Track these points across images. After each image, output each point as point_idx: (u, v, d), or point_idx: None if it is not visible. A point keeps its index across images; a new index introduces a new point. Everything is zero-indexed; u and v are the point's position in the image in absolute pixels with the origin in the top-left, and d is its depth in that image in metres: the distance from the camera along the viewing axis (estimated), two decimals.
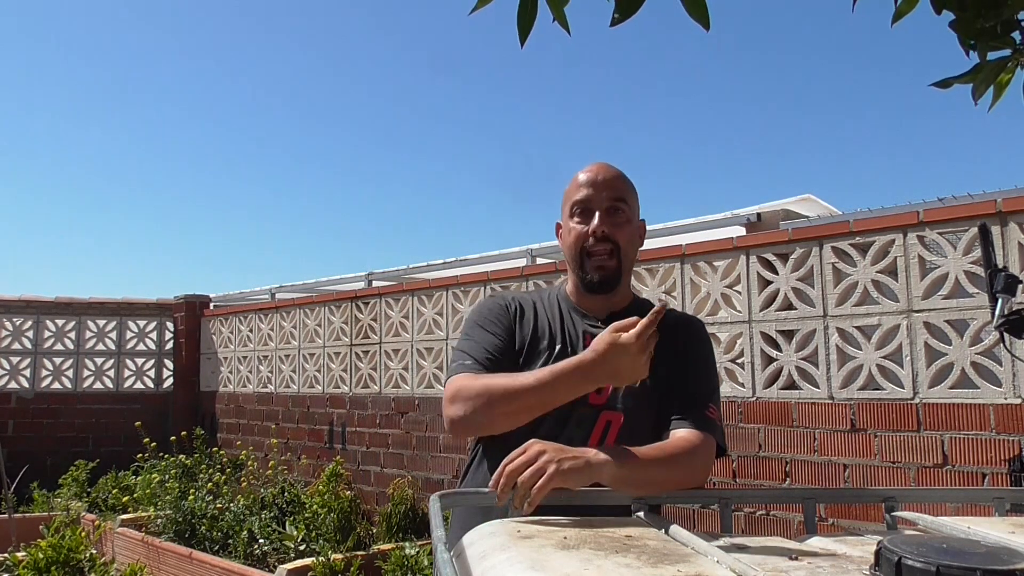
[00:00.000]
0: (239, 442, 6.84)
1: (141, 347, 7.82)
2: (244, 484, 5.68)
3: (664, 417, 1.42)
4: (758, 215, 4.14)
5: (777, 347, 3.52)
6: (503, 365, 1.45)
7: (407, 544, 4.32)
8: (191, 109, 22.43)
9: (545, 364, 1.45)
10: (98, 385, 7.57)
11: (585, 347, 1.44)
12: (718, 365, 3.69)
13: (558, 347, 1.49)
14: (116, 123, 24.20)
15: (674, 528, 0.96)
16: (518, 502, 1.11)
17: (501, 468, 1.14)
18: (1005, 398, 2.88)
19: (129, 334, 7.77)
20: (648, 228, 1.64)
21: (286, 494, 5.30)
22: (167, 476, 5.60)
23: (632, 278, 4.11)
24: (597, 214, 1.47)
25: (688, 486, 1.31)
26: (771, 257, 3.59)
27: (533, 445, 1.17)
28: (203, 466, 5.76)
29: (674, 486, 1.27)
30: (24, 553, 4.11)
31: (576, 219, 1.50)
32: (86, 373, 7.55)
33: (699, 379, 1.47)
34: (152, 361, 7.84)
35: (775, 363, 3.52)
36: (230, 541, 4.79)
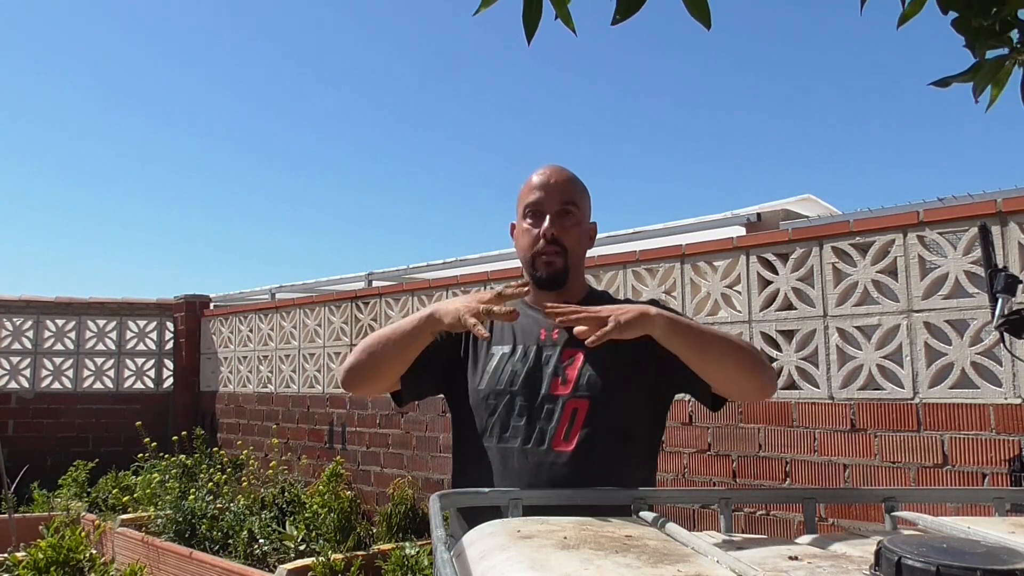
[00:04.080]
0: (239, 442, 6.83)
1: (141, 347, 7.81)
2: (244, 484, 5.68)
3: (678, 382, 1.47)
4: (758, 215, 4.14)
5: (777, 347, 3.52)
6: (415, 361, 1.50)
7: (407, 544, 4.32)
8: (191, 111, 22.43)
9: (500, 362, 1.52)
10: (98, 385, 7.57)
11: (542, 341, 1.53)
12: None
13: (508, 347, 1.54)
14: (116, 124, 24.20)
15: (674, 528, 0.96)
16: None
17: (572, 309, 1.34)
18: (1005, 398, 2.88)
19: (129, 334, 7.77)
20: (648, 228, 1.68)
21: (286, 494, 5.30)
22: (167, 476, 5.60)
23: (635, 279, 4.11)
24: (548, 217, 1.52)
25: (757, 368, 1.39)
26: (771, 257, 3.59)
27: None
28: (203, 466, 5.76)
29: (734, 360, 1.37)
30: (24, 553, 4.11)
31: (528, 221, 1.56)
32: (86, 373, 7.55)
33: None
34: (152, 361, 7.84)
35: (775, 363, 3.52)
36: (230, 541, 4.79)
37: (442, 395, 1.64)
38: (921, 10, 1.38)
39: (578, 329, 1.33)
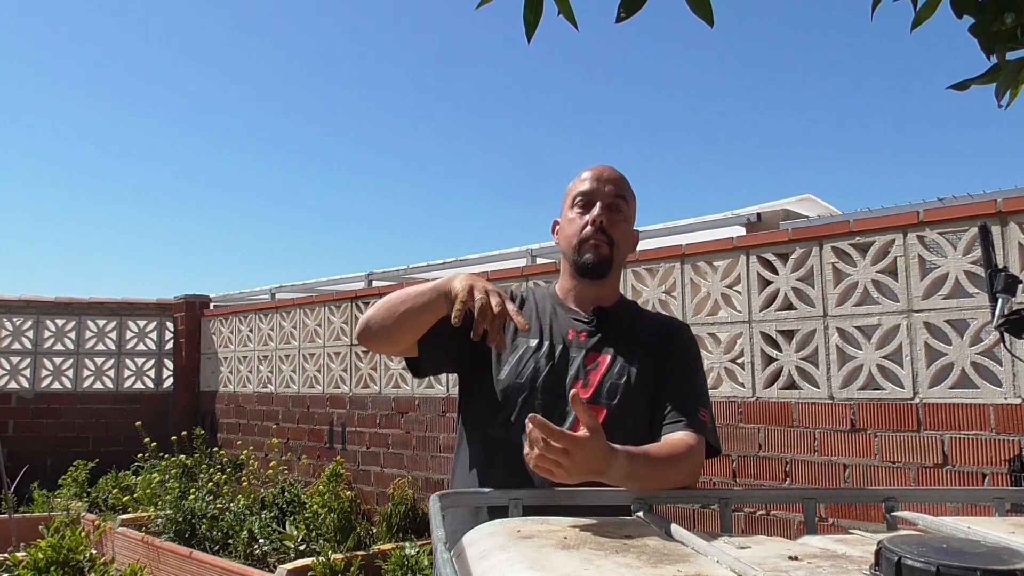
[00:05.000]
0: (239, 442, 6.83)
1: (141, 347, 7.81)
2: (244, 484, 5.68)
3: (655, 418, 1.45)
4: (758, 215, 4.14)
5: (777, 347, 3.52)
6: (437, 327, 1.45)
7: (407, 544, 4.32)
8: (190, 110, 22.44)
9: (524, 355, 1.49)
10: (98, 385, 7.57)
11: (569, 340, 1.50)
12: (718, 365, 3.70)
13: (535, 340, 1.51)
14: (116, 124, 24.20)
15: (674, 528, 0.96)
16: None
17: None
18: (1005, 398, 2.88)
19: (129, 334, 7.77)
20: (648, 228, 1.68)
21: (286, 494, 5.30)
22: (167, 476, 5.60)
23: (635, 279, 4.11)
24: (598, 205, 1.51)
25: (682, 485, 1.34)
26: (771, 257, 3.59)
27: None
28: (203, 466, 5.77)
29: (671, 485, 1.30)
30: (24, 553, 4.11)
31: (577, 209, 1.53)
32: (86, 373, 7.54)
33: (689, 383, 1.49)
34: (152, 361, 7.84)
35: (775, 363, 3.52)
36: (230, 541, 4.79)
37: (457, 375, 1.62)
38: (934, 13, 1.37)
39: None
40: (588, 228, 1.50)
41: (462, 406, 1.60)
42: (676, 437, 1.39)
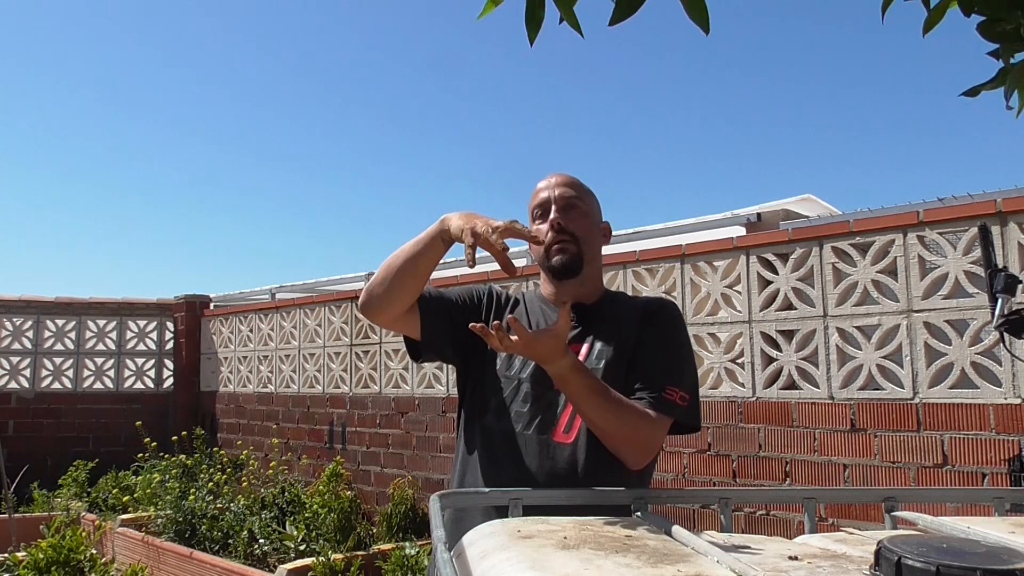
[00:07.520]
0: (239, 442, 6.83)
1: (141, 347, 7.81)
2: (244, 484, 5.68)
3: (625, 395, 1.48)
4: (758, 215, 4.15)
5: (777, 347, 3.52)
6: (438, 306, 1.57)
7: (407, 544, 4.32)
8: (192, 111, 22.44)
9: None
10: (98, 385, 7.57)
11: None
12: (718, 365, 3.70)
13: None
14: (117, 124, 24.21)
15: (674, 528, 0.96)
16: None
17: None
18: (1005, 398, 2.87)
19: (129, 334, 7.77)
20: (648, 228, 1.69)
21: (286, 494, 5.30)
22: (167, 476, 5.60)
23: (635, 279, 4.10)
24: (553, 209, 1.56)
25: (621, 444, 1.40)
26: (771, 257, 3.59)
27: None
28: (203, 466, 5.76)
29: (609, 427, 1.37)
30: (24, 553, 4.11)
31: (537, 221, 1.59)
32: (86, 373, 7.54)
33: (661, 361, 1.50)
34: (152, 361, 7.83)
35: (775, 363, 3.52)
36: (230, 541, 4.79)
37: (455, 367, 1.66)
38: (943, 18, 1.35)
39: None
40: (550, 234, 1.54)
41: (460, 399, 1.64)
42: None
